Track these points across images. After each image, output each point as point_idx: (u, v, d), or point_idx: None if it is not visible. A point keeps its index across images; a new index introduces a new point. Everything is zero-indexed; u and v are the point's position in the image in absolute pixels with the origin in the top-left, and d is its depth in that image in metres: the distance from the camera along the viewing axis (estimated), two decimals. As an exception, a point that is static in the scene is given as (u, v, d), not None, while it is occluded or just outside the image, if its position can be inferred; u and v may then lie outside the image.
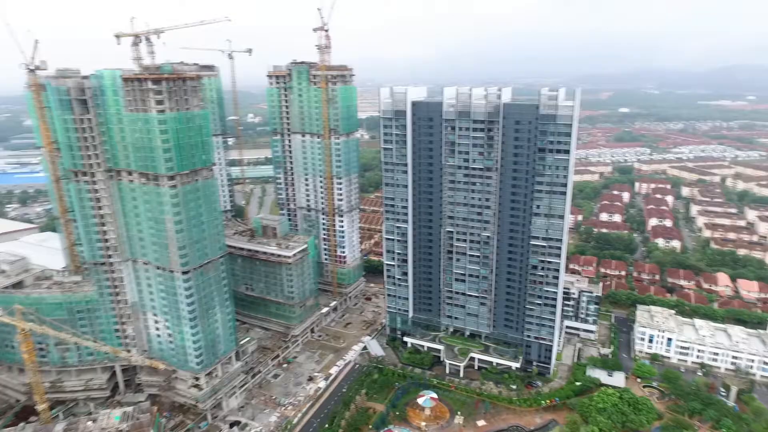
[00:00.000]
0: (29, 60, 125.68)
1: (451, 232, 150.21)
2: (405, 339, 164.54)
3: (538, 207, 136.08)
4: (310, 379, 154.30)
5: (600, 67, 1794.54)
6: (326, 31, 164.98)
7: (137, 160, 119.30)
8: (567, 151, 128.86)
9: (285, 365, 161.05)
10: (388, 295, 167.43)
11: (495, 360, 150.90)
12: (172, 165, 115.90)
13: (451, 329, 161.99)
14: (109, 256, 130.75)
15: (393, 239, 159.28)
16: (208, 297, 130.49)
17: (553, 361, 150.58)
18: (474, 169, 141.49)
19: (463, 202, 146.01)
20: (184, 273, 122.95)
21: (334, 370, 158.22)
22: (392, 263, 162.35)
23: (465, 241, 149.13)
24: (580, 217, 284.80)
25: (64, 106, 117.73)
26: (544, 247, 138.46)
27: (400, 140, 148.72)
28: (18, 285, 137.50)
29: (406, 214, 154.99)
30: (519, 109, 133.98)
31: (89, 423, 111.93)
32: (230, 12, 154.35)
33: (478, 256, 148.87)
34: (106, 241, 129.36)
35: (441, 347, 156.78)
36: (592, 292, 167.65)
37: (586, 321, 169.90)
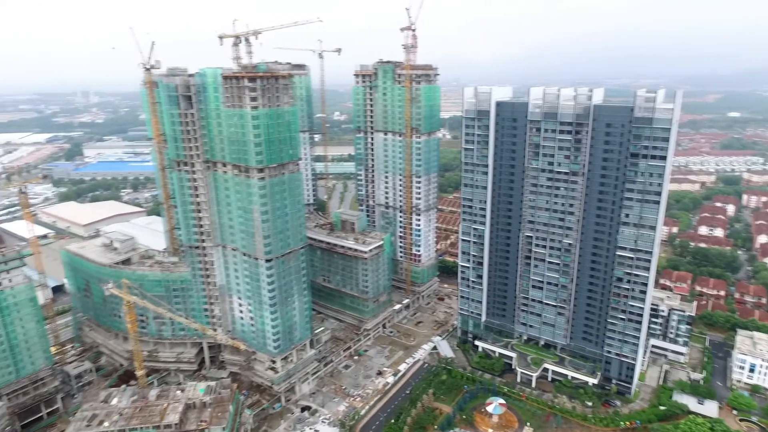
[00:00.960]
0: (146, 60, 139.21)
1: (531, 237, 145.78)
2: (476, 343, 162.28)
3: (627, 216, 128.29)
4: (379, 373, 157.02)
5: (707, 67, 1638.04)
6: (413, 30, 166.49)
7: (231, 153, 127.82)
8: (663, 158, 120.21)
9: (356, 357, 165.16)
10: (461, 297, 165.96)
11: (570, 373, 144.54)
12: (261, 158, 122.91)
13: (525, 337, 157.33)
14: (203, 241, 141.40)
15: (469, 241, 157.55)
16: (288, 285, 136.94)
17: (635, 380, 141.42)
18: (559, 173, 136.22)
19: (544, 207, 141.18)
20: (267, 261, 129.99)
21: (402, 367, 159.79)
22: (467, 265, 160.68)
23: (545, 247, 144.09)
24: (675, 229, 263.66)
25: (172, 101, 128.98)
26: (631, 258, 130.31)
27: (482, 141, 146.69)
28: (126, 262, 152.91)
29: (484, 216, 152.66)
30: (611, 111, 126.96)
31: (178, 392, 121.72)
32: (322, 14, 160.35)
33: (558, 264, 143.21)
34: (201, 226, 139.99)
35: (513, 355, 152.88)
36: (684, 311, 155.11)
37: (675, 342, 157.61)
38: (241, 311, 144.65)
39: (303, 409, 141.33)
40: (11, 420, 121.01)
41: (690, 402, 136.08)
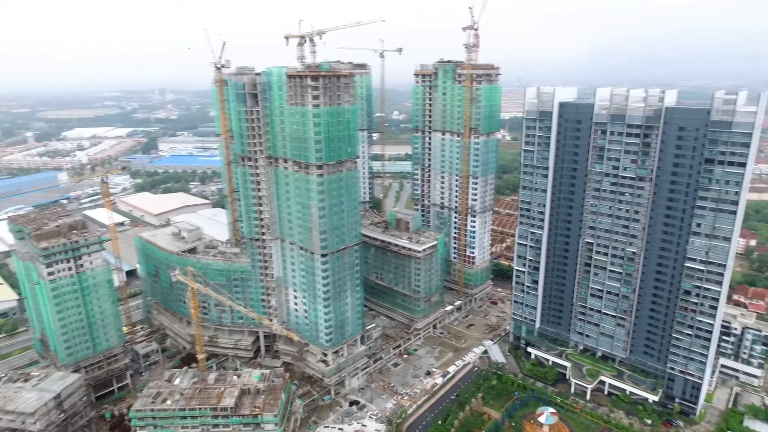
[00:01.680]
0: (217, 59, 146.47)
1: (591, 243, 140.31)
2: (529, 350, 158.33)
3: (698, 225, 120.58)
4: (428, 373, 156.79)
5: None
6: (476, 29, 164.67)
7: (292, 149, 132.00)
8: (742, 164, 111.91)
9: (405, 356, 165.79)
10: (515, 301, 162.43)
11: (629, 388, 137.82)
12: (321, 155, 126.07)
13: (581, 347, 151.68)
14: (263, 234, 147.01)
15: (526, 245, 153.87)
16: (342, 280, 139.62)
17: (701, 401, 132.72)
18: (624, 177, 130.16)
19: (607, 213, 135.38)
20: (323, 256, 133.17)
21: (452, 369, 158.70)
22: (522, 269, 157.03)
23: (606, 254, 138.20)
24: (753, 242, 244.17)
25: (239, 99, 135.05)
26: (701, 271, 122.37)
27: (542, 143, 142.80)
28: (192, 251, 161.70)
29: (542, 220, 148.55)
30: (685, 114, 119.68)
31: (234, 377, 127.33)
32: (386, 13, 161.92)
33: (620, 273, 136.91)
34: (262, 220, 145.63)
35: (568, 364, 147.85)
36: (760, 331, 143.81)
37: (749, 363, 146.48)
38: (296, 303, 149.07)
39: (351, 403, 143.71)
40: (87, 391, 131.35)
41: (763, 429, 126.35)
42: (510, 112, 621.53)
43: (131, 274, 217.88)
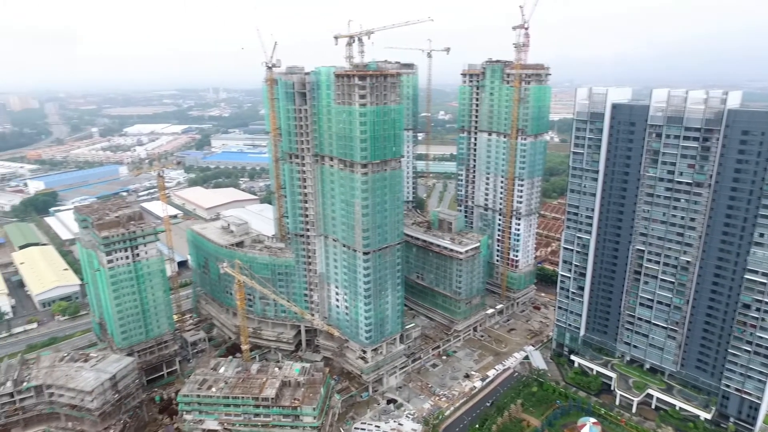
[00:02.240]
0: (269, 59, 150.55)
1: (642, 251, 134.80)
2: (572, 357, 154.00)
3: (761, 236, 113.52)
4: (467, 376, 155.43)
5: None
6: (526, 29, 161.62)
7: (338, 148, 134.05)
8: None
9: (444, 357, 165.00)
10: (559, 308, 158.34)
11: (679, 404, 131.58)
12: (366, 154, 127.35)
13: (628, 358, 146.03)
14: (307, 230, 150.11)
15: (572, 250, 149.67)
16: (383, 279, 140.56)
17: (759, 422, 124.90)
18: (680, 183, 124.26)
19: (660, 219, 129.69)
20: (365, 253, 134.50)
21: (491, 373, 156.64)
22: (568, 275, 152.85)
23: (658, 263, 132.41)
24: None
25: (288, 97, 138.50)
26: (763, 284, 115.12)
27: (593, 145, 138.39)
28: (240, 244, 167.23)
29: (590, 224, 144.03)
30: (749, 117, 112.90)
31: (276, 369, 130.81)
32: (434, 13, 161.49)
33: (672, 282, 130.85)
34: (307, 216, 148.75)
35: (613, 375, 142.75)
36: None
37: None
38: (337, 299, 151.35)
39: (389, 401, 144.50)
40: (140, 374, 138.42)
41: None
42: (559, 113, 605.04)
43: (182, 264, 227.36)
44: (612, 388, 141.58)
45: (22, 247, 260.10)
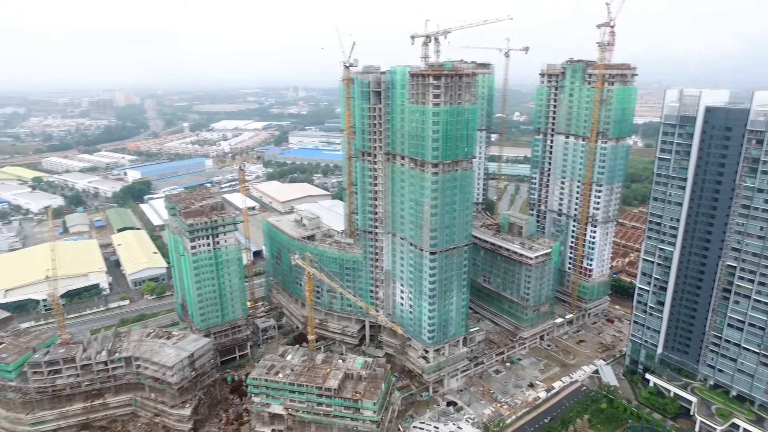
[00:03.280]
0: (346, 58, 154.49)
1: (734, 267, 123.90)
2: (647, 376, 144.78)
3: None
4: (531, 385, 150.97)
5: None
6: (612, 27, 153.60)
7: (410, 147, 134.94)
8: None
9: (508, 364, 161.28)
10: (635, 322, 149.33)
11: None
12: (437, 154, 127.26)
13: (711, 382, 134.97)
14: (376, 227, 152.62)
15: (652, 262, 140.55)
16: (448, 280, 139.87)
17: None
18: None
19: (758, 234, 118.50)
20: (432, 253, 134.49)
21: (557, 384, 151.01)
22: (646, 288, 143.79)
23: (752, 281, 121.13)
24: None
25: (364, 96, 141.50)
26: None
27: (682, 151, 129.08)
28: (311, 238, 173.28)
29: (674, 236, 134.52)
30: None
31: (339, 361, 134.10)
32: (513, 11, 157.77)
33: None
34: (376, 213, 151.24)
35: (694, 399, 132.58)
36: None
37: None
38: (402, 297, 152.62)
39: (449, 403, 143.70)
40: (215, 355, 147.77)
41: None
42: (645, 116, 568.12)
43: (257, 254, 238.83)
44: (691, 413, 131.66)
45: (120, 230, 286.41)
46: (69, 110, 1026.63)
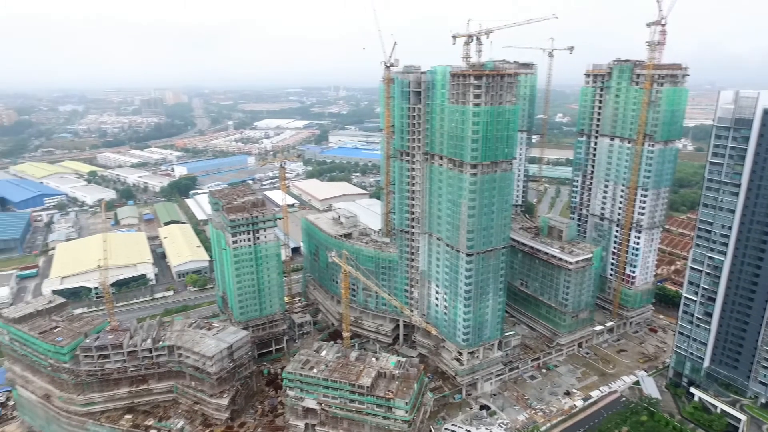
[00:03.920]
0: (387, 58, 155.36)
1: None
2: (692, 390, 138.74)
3: None
4: (568, 393, 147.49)
5: None
6: (663, 25, 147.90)
7: (449, 147, 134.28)
8: None
9: (544, 370, 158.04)
10: (680, 333, 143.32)
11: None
12: (476, 154, 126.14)
13: (763, 399, 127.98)
14: (412, 227, 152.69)
15: (701, 271, 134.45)
16: (485, 282, 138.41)
17: None
18: None
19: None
20: (468, 255, 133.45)
21: (595, 394, 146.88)
22: (693, 298, 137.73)
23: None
24: None
25: (404, 96, 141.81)
26: None
27: (736, 155, 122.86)
28: (348, 236, 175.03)
29: (725, 244, 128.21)
30: None
31: (372, 359, 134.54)
32: (558, 9, 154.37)
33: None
34: (413, 213, 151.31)
35: (743, 417, 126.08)
36: None
37: None
38: (437, 298, 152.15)
39: (482, 407, 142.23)
40: (252, 347, 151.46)
41: None
42: (696, 118, 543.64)
43: (296, 251, 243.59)
44: None
45: (166, 224, 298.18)
46: (123, 108, 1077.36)
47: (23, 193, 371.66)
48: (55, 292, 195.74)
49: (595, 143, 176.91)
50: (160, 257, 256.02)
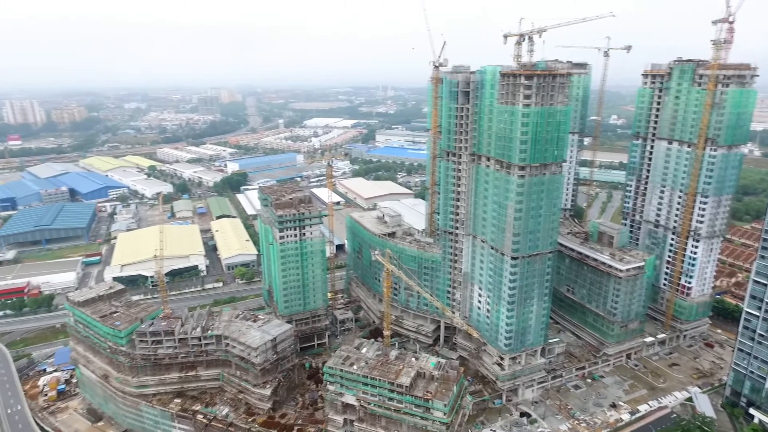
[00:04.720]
0: (436, 58, 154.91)
1: None
2: (751, 411, 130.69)
3: None
4: (614, 405, 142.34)
5: None
6: (731, 23, 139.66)
7: (496, 148, 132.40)
8: None
9: (589, 380, 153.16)
10: (740, 349, 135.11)
11: None
12: (525, 156, 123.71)
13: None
14: (456, 228, 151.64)
15: (765, 284, 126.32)
16: (529, 286, 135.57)
17: None
18: None
19: None
20: (513, 258, 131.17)
21: (643, 408, 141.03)
22: (756, 313, 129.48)
23: None
24: None
25: (452, 96, 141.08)
26: None
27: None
28: (391, 235, 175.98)
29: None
30: None
31: (412, 359, 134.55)
32: (615, 7, 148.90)
33: None
34: (457, 214, 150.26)
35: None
36: None
37: None
38: (479, 301, 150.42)
39: (522, 414, 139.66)
40: (295, 341, 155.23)
41: None
42: (765, 122, 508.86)
43: (340, 248, 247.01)
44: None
45: (218, 218, 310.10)
46: (181, 106, 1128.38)
47: (90, 185, 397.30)
48: (115, 278, 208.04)
49: (652, 146, 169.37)
50: (211, 249, 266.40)
